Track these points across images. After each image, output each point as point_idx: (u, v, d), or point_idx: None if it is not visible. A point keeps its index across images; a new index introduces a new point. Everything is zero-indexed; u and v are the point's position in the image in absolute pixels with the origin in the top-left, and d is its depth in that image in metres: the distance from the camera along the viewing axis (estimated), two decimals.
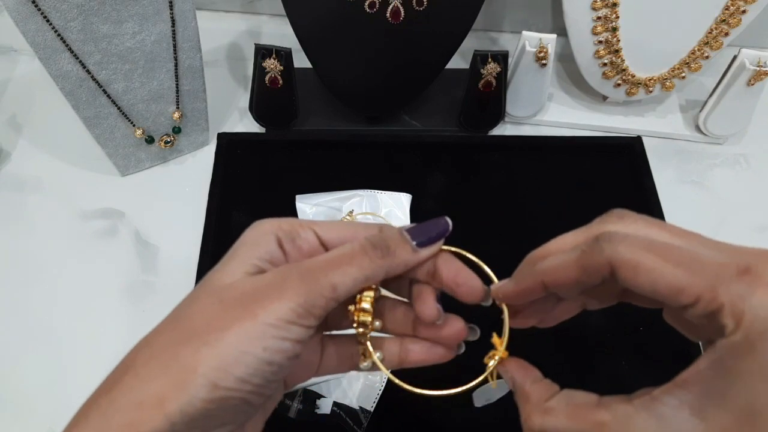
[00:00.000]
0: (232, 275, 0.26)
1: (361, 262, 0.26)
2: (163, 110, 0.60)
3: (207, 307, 0.25)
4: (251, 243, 0.27)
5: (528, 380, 0.28)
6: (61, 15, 0.49)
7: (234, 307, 0.25)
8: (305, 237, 0.28)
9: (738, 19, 0.60)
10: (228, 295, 0.25)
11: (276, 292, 0.25)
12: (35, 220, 0.60)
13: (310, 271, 0.26)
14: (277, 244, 0.27)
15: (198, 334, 0.24)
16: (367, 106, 0.66)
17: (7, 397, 0.50)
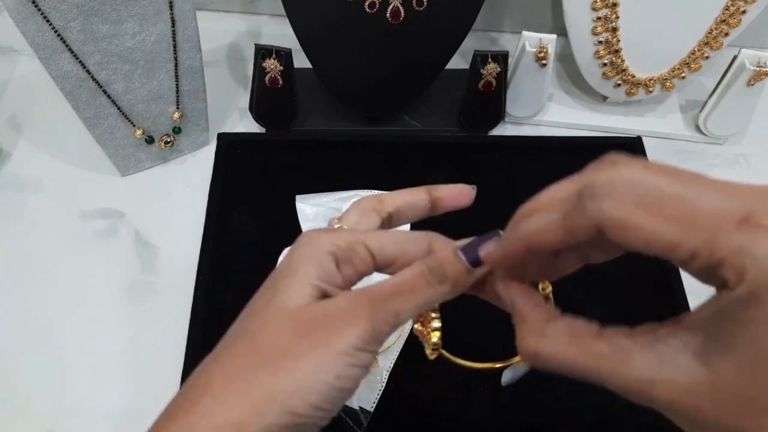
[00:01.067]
0: (298, 297, 0.26)
1: (423, 290, 0.27)
2: (163, 110, 0.60)
3: (281, 331, 0.26)
4: (309, 261, 0.27)
5: (529, 303, 0.27)
6: (61, 15, 0.49)
7: (308, 333, 0.25)
8: (360, 255, 0.28)
9: (738, 19, 0.60)
10: (301, 320, 0.26)
11: (347, 320, 0.25)
12: (35, 220, 0.60)
13: (378, 298, 0.26)
14: (334, 263, 0.27)
15: (275, 359, 0.25)
16: (367, 106, 0.66)
17: (7, 397, 0.50)
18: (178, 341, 0.52)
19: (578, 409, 0.50)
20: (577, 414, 0.50)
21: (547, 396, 0.51)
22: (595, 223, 0.22)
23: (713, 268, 0.20)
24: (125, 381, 0.51)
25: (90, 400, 0.50)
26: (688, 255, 0.20)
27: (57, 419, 0.49)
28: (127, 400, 0.50)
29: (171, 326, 0.53)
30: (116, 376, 0.51)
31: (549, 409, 0.50)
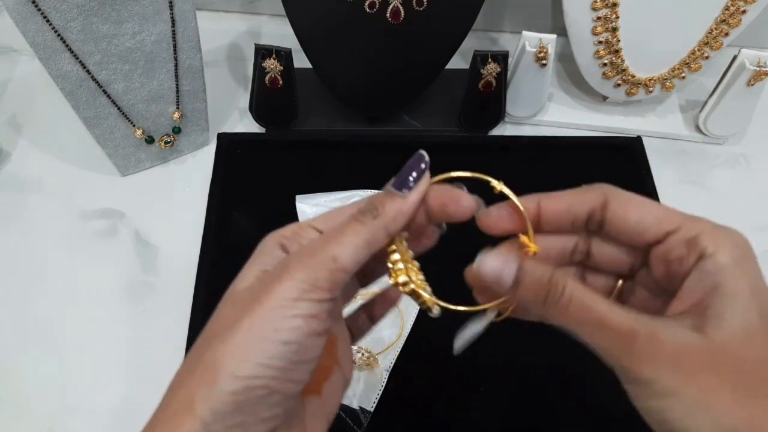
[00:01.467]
0: (244, 281, 0.27)
1: (354, 229, 0.26)
2: (163, 110, 0.60)
3: (222, 311, 0.26)
4: (259, 254, 0.28)
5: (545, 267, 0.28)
6: (61, 15, 0.49)
7: (243, 302, 0.25)
8: (307, 236, 0.28)
9: (738, 19, 0.60)
10: (239, 296, 0.26)
11: (278, 278, 0.25)
12: (35, 220, 0.60)
13: (308, 250, 0.26)
14: (281, 249, 0.28)
15: (215, 335, 0.25)
16: (367, 107, 0.66)
17: (7, 397, 0.50)
18: (178, 341, 0.52)
19: (578, 409, 0.50)
20: (577, 414, 0.50)
21: (547, 396, 0.51)
22: (604, 193, 0.26)
23: (693, 239, 0.24)
24: (125, 381, 0.51)
25: (90, 400, 0.50)
26: (674, 226, 0.25)
27: (57, 419, 0.49)
28: (127, 400, 0.50)
29: (171, 326, 0.53)
30: (116, 376, 0.51)
31: (549, 409, 0.50)
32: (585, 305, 0.25)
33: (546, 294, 0.26)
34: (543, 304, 0.26)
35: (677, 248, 0.25)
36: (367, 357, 0.50)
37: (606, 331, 0.24)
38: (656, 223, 0.25)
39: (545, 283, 0.26)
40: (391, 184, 0.28)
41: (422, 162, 0.28)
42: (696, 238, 0.24)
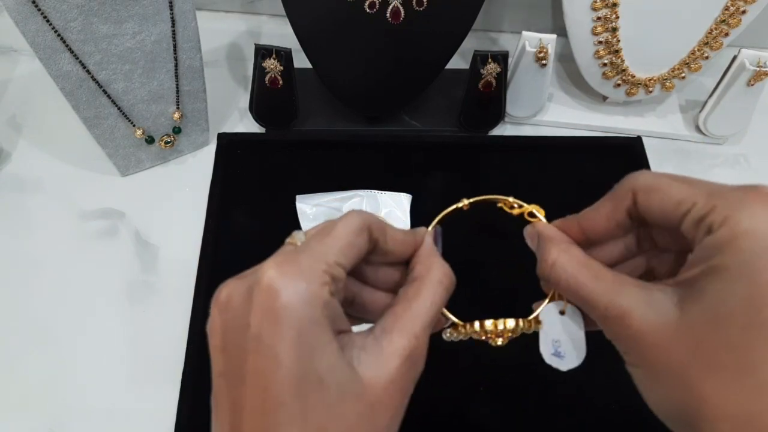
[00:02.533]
0: (343, 370, 0.24)
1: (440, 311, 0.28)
2: (164, 110, 0.60)
3: (361, 413, 0.24)
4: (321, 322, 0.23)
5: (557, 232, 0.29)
6: (61, 15, 0.49)
7: (386, 407, 0.25)
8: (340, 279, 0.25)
9: (738, 19, 0.60)
10: (370, 397, 0.24)
11: (414, 374, 0.26)
12: (35, 220, 0.60)
13: (425, 344, 0.26)
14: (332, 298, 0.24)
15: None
16: (367, 107, 0.66)
17: (9, 397, 0.50)
18: (178, 341, 0.52)
19: (578, 410, 0.50)
20: (576, 415, 0.50)
21: (548, 396, 0.51)
22: (632, 188, 0.26)
23: (704, 216, 0.23)
24: (125, 381, 0.51)
25: (90, 400, 0.50)
26: (689, 205, 0.24)
27: (57, 419, 0.49)
28: (127, 400, 0.50)
29: (171, 326, 0.53)
30: (116, 376, 0.51)
31: (549, 409, 0.50)
32: (572, 281, 0.26)
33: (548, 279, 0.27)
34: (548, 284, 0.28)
35: (689, 229, 0.24)
36: None
37: (589, 308, 0.26)
38: (675, 206, 0.25)
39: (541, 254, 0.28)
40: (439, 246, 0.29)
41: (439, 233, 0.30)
42: (704, 216, 0.23)
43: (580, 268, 0.26)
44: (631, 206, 0.27)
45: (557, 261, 0.27)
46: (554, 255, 0.27)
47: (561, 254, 0.27)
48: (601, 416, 0.50)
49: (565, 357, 0.29)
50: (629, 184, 0.26)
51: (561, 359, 0.30)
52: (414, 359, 0.25)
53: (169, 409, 0.49)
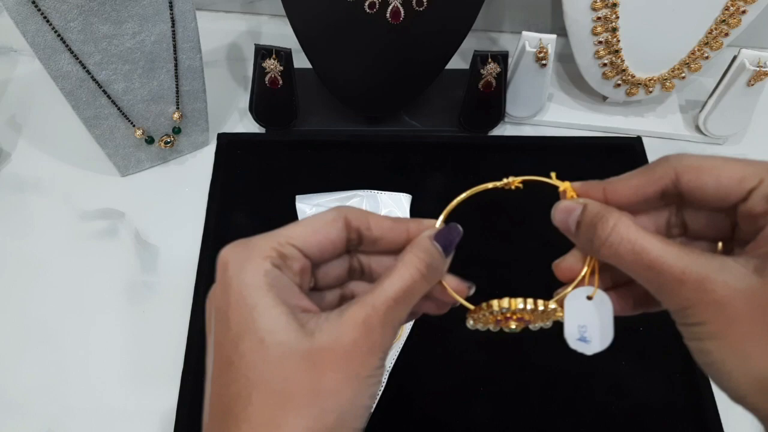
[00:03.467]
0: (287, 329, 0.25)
1: (421, 289, 0.27)
2: (163, 110, 0.60)
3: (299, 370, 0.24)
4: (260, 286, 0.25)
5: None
6: (61, 15, 0.49)
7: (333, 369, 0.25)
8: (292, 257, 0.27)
9: (738, 19, 0.60)
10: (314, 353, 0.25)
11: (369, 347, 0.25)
12: (35, 220, 0.60)
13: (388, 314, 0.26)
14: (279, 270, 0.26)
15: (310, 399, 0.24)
16: (367, 107, 0.66)
17: (7, 397, 0.50)
18: (178, 341, 0.52)
19: (578, 411, 0.50)
20: (576, 416, 0.50)
21: (548, 397, 0.51)
22: (674, 168, 0.26)
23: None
24: (125, 381, 0.51)
25: (90, 401, 0.50)
26: (756, 181, 0.24)
27: (57, 419, 0.49)
28: (127, 400, 0.50)
29: (171, 326, 0.53)
30: (116, 376, 0.51)
31: (549, 410, 0.50)
32: (636, 247, 0.25)
33: (601, 236, 0.26)
34: (592, 245, 0.26)
35: (760, 204, 0.24)
36: None
37: (657, 273, 0.24)
38: (737, 183, 0.24)
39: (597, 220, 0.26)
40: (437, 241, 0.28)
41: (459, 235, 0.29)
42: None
43: (644, 233, 0.25)
44: (670, 185, 0.26)
45: (618, 226, 0.25)
46: (613, 220, 0.26)
47: (621, 219, 0.26)
48: (602, 417, 0.50)
49: (591, 342, 0.29)
50: (671, 164, 0.26)
51: (587, 344, 0.29)
52: (370, 327, 0.25)
53: (169, 409, 0.49)
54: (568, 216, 0.28)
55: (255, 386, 0.24)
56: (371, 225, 0.29)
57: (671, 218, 0.28)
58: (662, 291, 0.25)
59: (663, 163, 0.26)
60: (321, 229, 0.27)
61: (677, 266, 0.24)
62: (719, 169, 0.25)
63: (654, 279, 0.25)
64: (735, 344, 0.23)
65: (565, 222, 0.28)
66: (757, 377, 0.23)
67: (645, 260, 0.24)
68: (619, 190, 0.27)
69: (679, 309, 0.24)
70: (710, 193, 0.25)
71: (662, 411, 0.50)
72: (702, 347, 0.24)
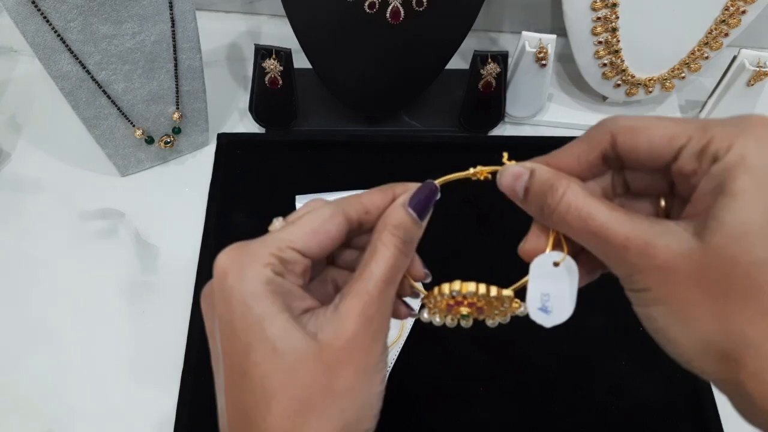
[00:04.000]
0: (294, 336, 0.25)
1: (404, 264, 0.28)
2: (163, 111, 0.60)
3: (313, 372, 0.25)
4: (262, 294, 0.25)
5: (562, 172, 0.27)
6: (60, 15, 0.49)
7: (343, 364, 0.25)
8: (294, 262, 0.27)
9: (738, 19, 0.60)
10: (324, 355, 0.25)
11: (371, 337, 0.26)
12: (35, 221, 0.60)
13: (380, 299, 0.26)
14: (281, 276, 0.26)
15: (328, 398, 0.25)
16: (367, 107, 0.66)
17: (7, 397, 0.50)
18: (178, 341, 0.52)
19: (578, 411, 0.50)
20: (576, 416, 0.50)
21: (547, 397, 0.51)
22: (610, 130, 0.25)
23: (704, 148, 0.23)
24: (125, 381, 0.51)
25: (90, 400, 0.50)
26: (685, 139, 0.23)
27: (57, 419, 0.49)
28: (127, 400, 0.50)
29: (171, 326, 0.53)
30: (116, 376, 0.51)
31: (549, 409, 0.50)
32: (583, 214, 0.25)
33: (549, 205, 0.26)
34: (547, 217, 0.26)
35: (690, 162, 0.24)
36: None
37: (602, 240, 0.24)
38: (667, 142, 0.24)
39: (547, 191, 0.26)
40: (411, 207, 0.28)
41: (436, 197, 0.29)
42: (706, 146, 0.23)
43: (591, 200, 0.25)
44: (608, 148, 0.26)
45: (566, 193, 0.25)
46: (562, 188, 0.25)
47: (570, 185, 0.25)
48: (602, 416, 0.50)
49: (551, 313, 0.27)
50: (607, 126, 0.26)
51: (547, 315, 0.27)
52: (369, 316, 0.26)
53: (169, 409, 0.49)
54: (515, 181, 0.28)
55: (272, 395, 0.24)
56: (368, 208, 0.28)
57: (614, 179, 0.28)
58: (608, 257, 0.25)
59: (599, 127, 0.26)
60: (320, 228, 0.27)
61: (621, 232, 0.24)
62: (651, 128, 0.25)
63: (600, 246, 0.25)
64: (678, 309, 0.23)
65: (512, 187, 0.28)
66: (701, 341, 0.23)
67: (591, 227, 0.24)
68: (562, 161, 0.27)
69: (625, 275, 0.24)
70: (644, 154, 0.25)
71: (662, 411, 0.50)
72: (649, 313, 0.24)
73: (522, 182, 0.27)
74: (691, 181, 0.24)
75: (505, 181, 0.28)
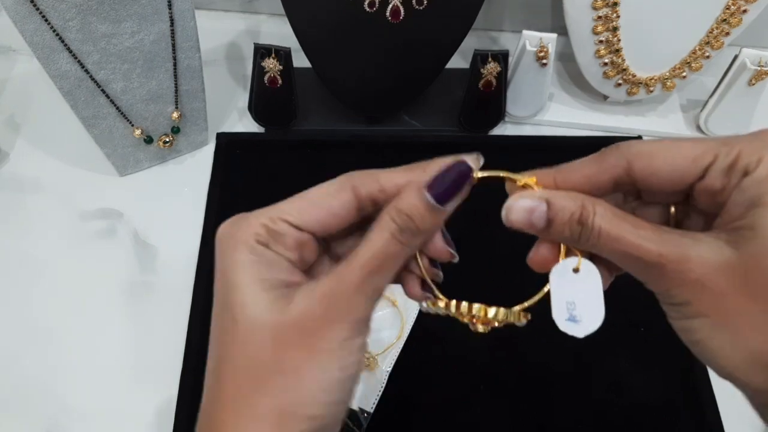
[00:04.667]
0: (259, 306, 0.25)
1: (398, 256, 0.26)
2: (162, 110, 0.60)
3: (264, 347, 0.25)
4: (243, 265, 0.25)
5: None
6: (59, 14, 0.49)
7: (295, 343, 0.25)
8: (283, 233, 0.26)
9: (739, 18, 0.60)
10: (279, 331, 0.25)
11: (330, 319, 0.25)
12: (34, 221, 0.60)
13: (353, 286, 0.25)
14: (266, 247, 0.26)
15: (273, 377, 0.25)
16: (367, 107, 0.66)
17: (7, 397, 0.50)
18: (178, 341, 0.52)
19: (578, 409, 0.50)
20: (576, 415, 0.50)
21: (547, 396, 0.51)
22: (625, 155, 0.25)
23: (732, 164, 0.23)
24: (125, 381, 0.51)
25: (89, 400, 0.50)
26: (711, 157, 0.23)
27: (56, 419, 0.49)
28: (127, 399, 0.50)
29: (171, 326, 0.53)
30: (116, 376, 0.51)
31: (549, 409, 0.50)
32: (613, 236, 0.24)
33: (580, 232, 0.25)
34: (577, 242, 0.25)
35: (719, 179, 0.23)
36: (366, 358, 0.50)
37: (635, 260, 0.24)
38: (692, 162, 0.24)
39: (576, 220, 0.25)
40: (431, 195, 0.25)
41: (467, 179, 0.27)
42: (735, 162, 0.23)
43: (619, 221, 0.24)
44: (623, 174, 0.25)
45: (595, 219, 0.25)
46: (592, 214, 0.25)
47: (597, 210, 0.25)
48: (602, 416, 0.50)
49: (581, 321, 0.26)
50: (622, 152, 0.25)
51: (577, 324, 0.26)
52: (333, 299, 0.25)
53: (168, 409, 0.49)
54: (529, 215, 0.26)
55: (224, 363, 0.25)
56: (383, 185, 0.27)
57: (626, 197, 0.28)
58: (643, 275, 0.24)
59: (614, 152, 0.25)
60: (320, 202, 0.27)
61: (654, 250, 0.23)
62: (672, 151, 0.24)
63: (633, 264, 0.24)
64: (721, 320, 0.23)
65: (526, 223, 0.26)
66: (746, 351, 0.22)
67: (623, 248, 0.24)
68: (570, 179, 0.26)
69: (663, 290, 0.24)
70: (665, 177, 0.24)
71: (662, 409, 0.50)
72: (688, 326, 0.24)
73: (539, 215, 0.26)
74: (718, 198, 0.24)
75: (516, 218, 0.26)
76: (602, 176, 0.26)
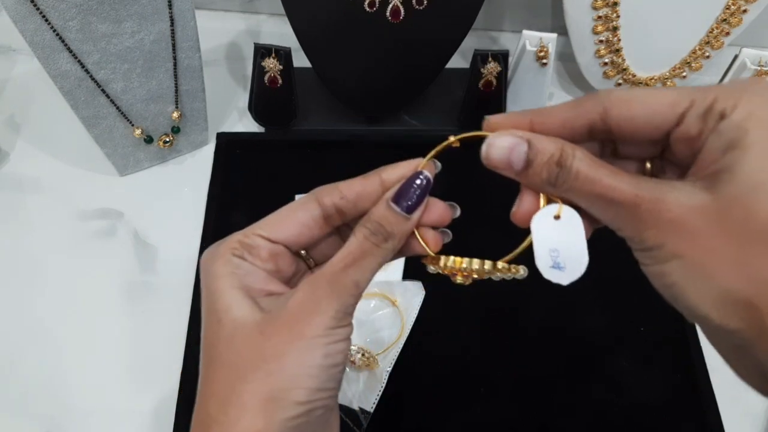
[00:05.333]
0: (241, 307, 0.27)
1: (372, 253, 0.27)
2: (162, 110, 0.60)
3: (248, 340, 0.27)
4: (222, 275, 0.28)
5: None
6: (59, 14, 0.49)
7: (279, 331, 0.26)
8: (256, 246, 0.29)
9: (739, 18, 0.60)
10: (264, 323, 0.27)
11: (312, 307, 0.27)
12: (34, 220, 0.60)
13: (333, 278, 0.27)
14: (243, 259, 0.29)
15: (257, 365, 0.26)
16: (367, 106, 0.66)
17: (6, 397, 0.50)
18: (178, 341, 0.52)
19: (578, 409, 0.50)
20: (576, 414, 0.50)
21: (547, 397, 0.51)
22: (602, 101, 0.25)
23: (708, 109, 0.23)
24: (125, 381, 0.51)
25: (89, 400, 0.50)
26: (687, 103, 0.23)
27: (56, 419, 0.49)
28: (126, 400, 0.50)
29: (171, 326, 0.53)
30: (116, 376, 0.51)
31: (549, 409, 0.50)
32: (590, 178, 0.24)
33: (557, 174, 0.25)
34: (554, 186, 0.25)
35: (695, 124, 0.23)
36: (366, 357, 0.50)
37: (611, 202, 0.24)
38: (668, 108, 0.24)
39: (555, 161, 0.25)
40: (396, 204, 0.28)
41: (428, 187, 0.29)
42: (711, 107, 0.23)
43: (596, 163, 0.25)
44: (598, 120, 0.25)
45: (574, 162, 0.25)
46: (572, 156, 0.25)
47: (576, 153, 0.25)
48: (602, 416, 0.50)
49: (565, 268, 0.26)
50: (599, 98, 0.25)
51: (561, 271, 0.26)
52: (313, 287, 0.27)
53: (168, 409, 0.49)
54: (510, 153, 0.26)
55: (212, 363, 0.27)
56: (343, 192, 0.29)
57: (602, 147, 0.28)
58: (617, 218, 0.24)
59: (592, 98, 0.25)
60: (289, 214, 0.29)
61: (630, 191, 0.23)
62: (649, 97, 0.24)
63: (608, 207, 0.24)
64: (696, 261, 0.23)
65: (506, 161, 0.26)
66: (721, 291, 0.22)
67: (599, 190, 0.24)
68: (547, 123, 0.26)
69: (636, 234, 0.24)
70: (641, 123, 0.24)
71: (662, 409, 0.50)
72: (661, 270, 0.24)
73: (519, 154, 0.25)
74: (694, 144, 0.24)
75: (496, 155, 0.26)
76: (578, 121, 0.26)
